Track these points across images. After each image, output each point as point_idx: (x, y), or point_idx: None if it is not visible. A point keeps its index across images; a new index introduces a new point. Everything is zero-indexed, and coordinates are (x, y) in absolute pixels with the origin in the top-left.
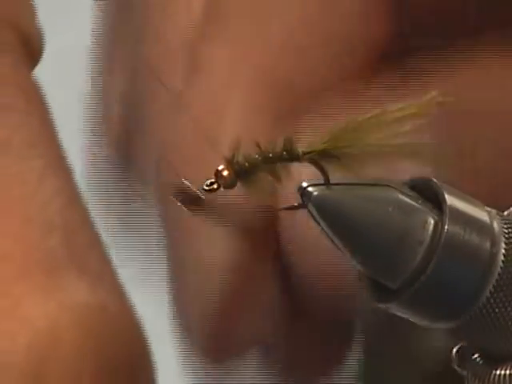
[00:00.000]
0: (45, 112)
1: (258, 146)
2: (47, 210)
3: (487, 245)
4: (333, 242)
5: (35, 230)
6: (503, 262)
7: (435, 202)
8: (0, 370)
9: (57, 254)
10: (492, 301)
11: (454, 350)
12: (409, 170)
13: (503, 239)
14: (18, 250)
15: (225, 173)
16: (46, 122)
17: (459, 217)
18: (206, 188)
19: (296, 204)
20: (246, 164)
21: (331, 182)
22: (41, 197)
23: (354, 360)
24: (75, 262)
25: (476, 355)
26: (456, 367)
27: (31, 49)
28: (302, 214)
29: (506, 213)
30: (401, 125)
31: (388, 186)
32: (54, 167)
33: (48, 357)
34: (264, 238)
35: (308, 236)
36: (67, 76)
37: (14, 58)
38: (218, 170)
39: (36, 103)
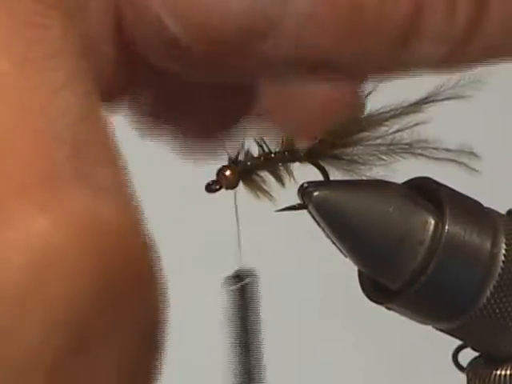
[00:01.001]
0: (68, 25)
1: (260, 146)
2: (57, 124)
3: (488, 245)
4: (333, 241)
5: (42, 145)
6: (503, 262)
7: (435, 202)
8: None
9: (61, 170)
10: (492, 301)
11: (454, 350)
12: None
13: (503, 239)
14: (21, 164)
15: (227, 173)
16: (67, 34)
17: (459, 217)
18: (208, 188)
19: (296, 204)
20: (248, 164)
21: (331, 182)
22: (52, 111)
23: None
24: (81, 177)
25: (476, 355)
26: (456, 367)
27: None
28: None
29: (505, 213)
30: (398, 122)
31: (388, 186)
32: (72, 81)
33: (43, 279)
34: None
35: None
36: None
37: None
38: (220, 170)
39: (59, 16)
